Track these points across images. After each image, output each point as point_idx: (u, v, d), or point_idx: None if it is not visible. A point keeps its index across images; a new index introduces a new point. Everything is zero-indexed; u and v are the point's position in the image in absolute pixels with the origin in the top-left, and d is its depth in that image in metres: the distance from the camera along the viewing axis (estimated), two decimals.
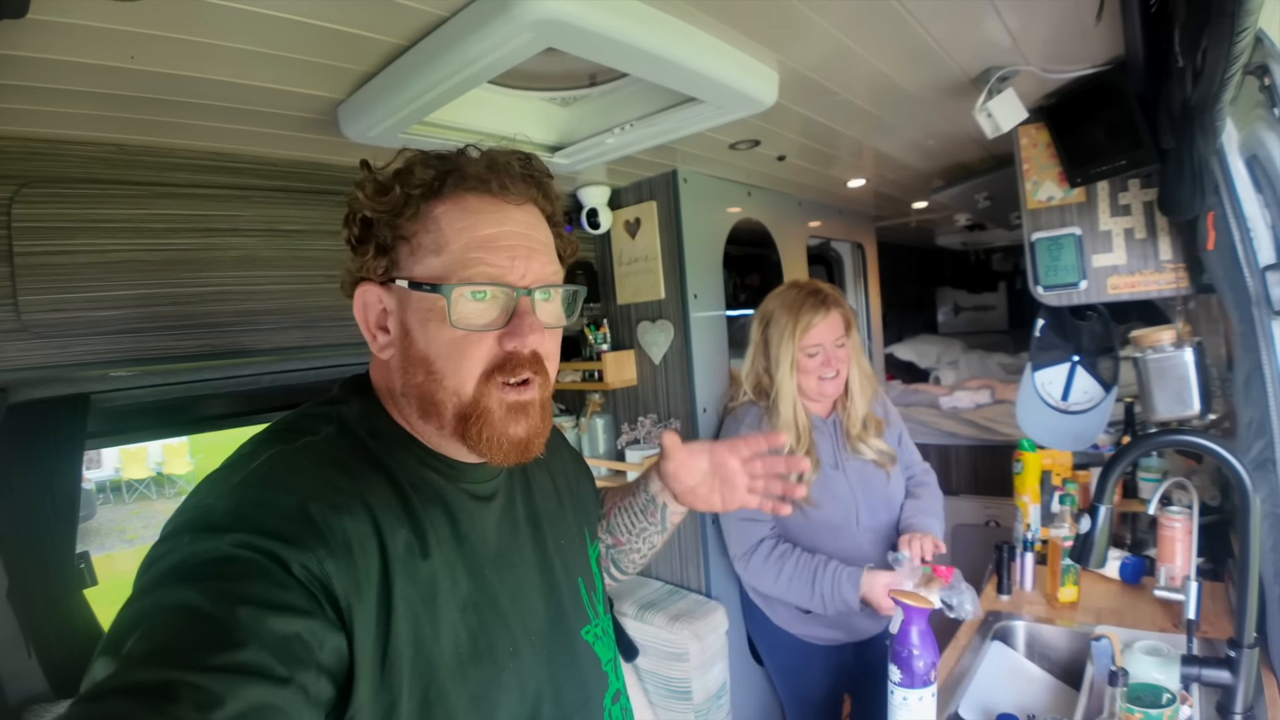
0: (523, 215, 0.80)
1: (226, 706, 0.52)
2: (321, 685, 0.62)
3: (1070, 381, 1.99)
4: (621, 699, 0.97)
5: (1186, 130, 1.26)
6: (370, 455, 0.77)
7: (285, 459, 0.72)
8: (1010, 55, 1.50)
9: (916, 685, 1.17)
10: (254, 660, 0.56)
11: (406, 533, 0.74)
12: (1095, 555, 1.32)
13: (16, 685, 1.54)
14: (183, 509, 0.67)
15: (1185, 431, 1.34)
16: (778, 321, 1.87)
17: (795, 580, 1.76)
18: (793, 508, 1.72)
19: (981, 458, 3.39)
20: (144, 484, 11.13)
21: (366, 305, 0.81)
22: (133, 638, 0.55)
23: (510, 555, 0.86)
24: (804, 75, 1.51)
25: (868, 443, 1.91)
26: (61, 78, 1.11)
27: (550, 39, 1.07)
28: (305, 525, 0.65)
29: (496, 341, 0.76)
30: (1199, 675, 1.24)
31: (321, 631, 0.63)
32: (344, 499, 0.70)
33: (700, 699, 2.09)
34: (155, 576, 0.61)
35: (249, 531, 0.63)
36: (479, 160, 0.79)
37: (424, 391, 0.77)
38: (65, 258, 1.33)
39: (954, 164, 2.58)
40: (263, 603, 0.59)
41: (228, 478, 0.70)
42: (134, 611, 0.58)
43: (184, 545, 0.62)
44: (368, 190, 0.78)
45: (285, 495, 0.67)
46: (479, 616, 0.78)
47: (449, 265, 0.75)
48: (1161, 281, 1.69)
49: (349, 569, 0.66)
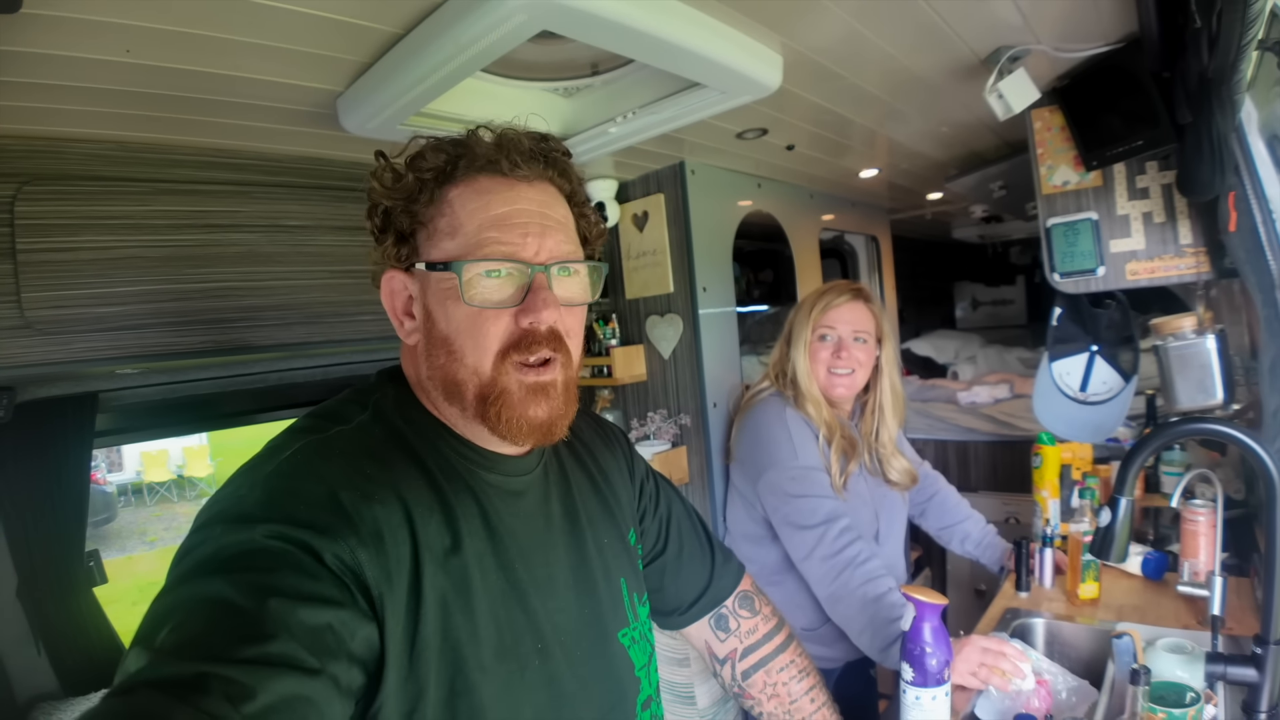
0: (536, 193, 0.80)
1: (258, 699, 0.53)
2: (353, 675, 0.63)
3: (1089, 372, 1.94)
4: (653, 705, 0.96)
5: (1204, 104, 1.22)
6: (404, 443, 0.78)
7: (317, 448, 0.73)
8: (1020, 34, 1.46)
9: (930, 684, 1.14)
10: (285, 652, 0.56)
11: (438, 522, 0.74)
12: (1116, 549, 1.28)
13: (26, 683, 1.55)
14: (216, 499, 0.68)
15: (1210, 420, 1.29)
16: (803, 304, 1.84)
17: (849, 597, 1.55)
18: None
19: (1000, 453, 3.33)
20: (165, 486, 11.32)
21: (393, 293, 0.83)
22: (165, 630, 0.56)
23: (542, 551, 0.85)
24: (809, 58, 1.48)
25: (894, 463, 1.85)
26: (58, 73, 1.11)
27: (543, 21, 1.06)
28: (337, 514, 0.66)
29: (513, 319, 0.77)
30: (1224, 673, 1.19)
31: (353, 622, 0.63)
32: (375, 488, 0.70)
33: (705, 704, 2.06)
34: (188, 568, 0.62)
35: (281, 522, 0.63)
36: (489, 141, 0.80)
37: (447, 373, 0.78)
38: (68, 254, 1.34)
39: (968, 152, 2.54)
40: (294, 594, 0.60)
41: (260, 468, 0.70)
42: (167, 603, 0.59)
43: (216, 536, 0.63)
44: (384, 180, 0.80)
45: (316, 484, 0.68)
46: (507, 611, 0.77)
47: (464, 246, 0.76)
48: (1182, 266, 1.64)
49: (380, 558, 0.67)
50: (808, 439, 1.73)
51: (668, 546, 1.10)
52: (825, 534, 1.60)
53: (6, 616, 1.54)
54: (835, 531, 1.60)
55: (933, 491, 2.09)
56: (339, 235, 1.67)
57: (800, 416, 1.76)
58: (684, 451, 2.28)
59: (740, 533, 1.95)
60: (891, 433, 1.85)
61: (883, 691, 2.24)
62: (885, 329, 1.82)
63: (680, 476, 2.27)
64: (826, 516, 1.62)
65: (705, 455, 2.23)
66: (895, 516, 1.86)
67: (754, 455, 1.81)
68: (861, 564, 1.57)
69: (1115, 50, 1.52)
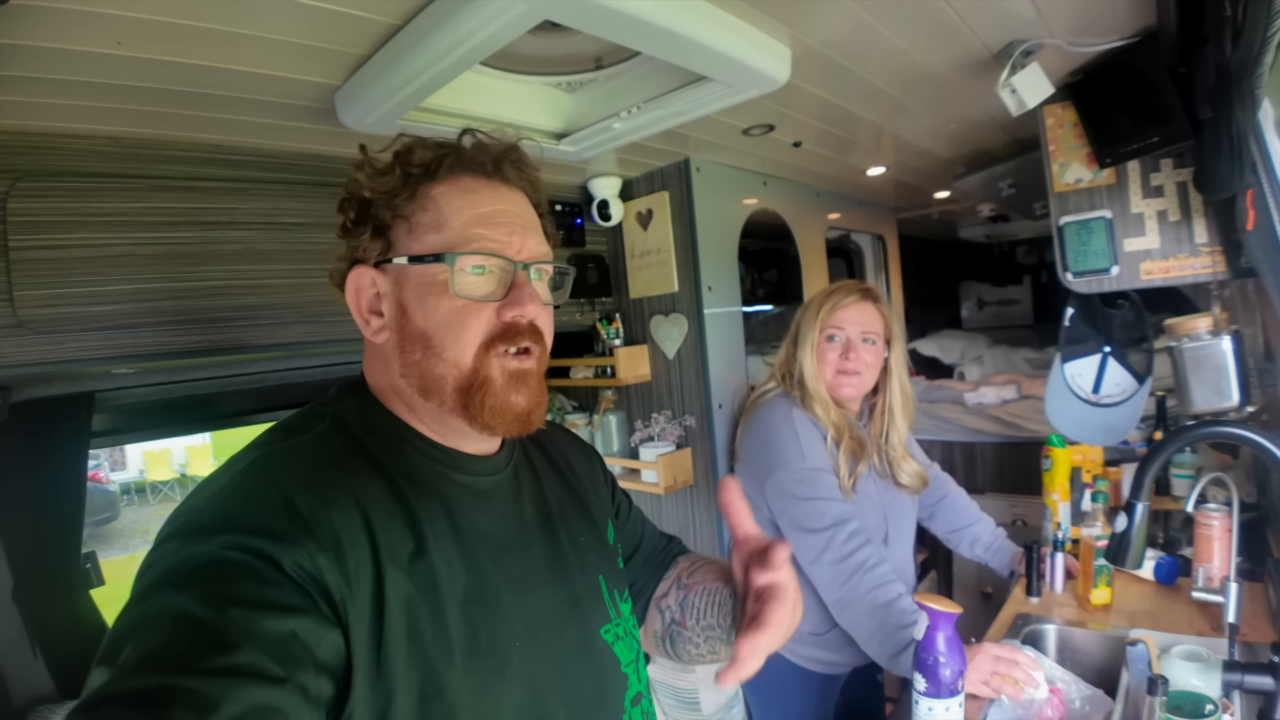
0: (516, 196, 0.84)
1: (223, 710, 0.52)
2: (321, 683, 0.62)
3: (1101, 373, 1.91)
4: (643, 701, 0.94)
5: (1225, 99, 1.19)
6: (363, 450, 0.78)
7: (273, 459, 0.73)
8: (1034, 28, 1.44)
9: (943, 695, 1.11)
10: (249, 662, 0.56)
11: (399, 526, 0.74)
12: (1133, 555, 1.26)
13: (22, 685, 1.54)
14: (174, 515, 0.68)
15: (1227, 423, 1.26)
16: (811, 304, 1.81)
17: (858, 602, 1.53)
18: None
19: (1007, 455, 3.30)
20: (168, 485, 11.39)
21: (360, 289, 0.83)
22: (128, 645, 0.56)
23: (516, 550, 0.84)
24: (818, 52, 1.45)
25: (904, 467, 1.82)
26: (50, 67, 1.10)
27: (545, 10, 1.04)
28: (293, 520, 0.66)
29: (495, 313, 0.79)
30: (1241, 682, 1.17)
31: (317, 629, 0.63)
32: (331, 493, 0.70)
33: (710, 709, 2.04)
34: (148, 583, 0.62)
35: (237, 532, 0.63)
36: (473, 145, 0.83)
37: (423, 368, 0.78)
38: (61, 252, 1.32)
39: (976, 150, 2.52)
40: (255, 603, 0.60)
41: (216, 481, 0.71)
42: (129, 619, 0.59)
43: (174, 551, 0.63)
44: (366, 172, 0.80)
45: (272, 492, 0.68)
46: (480, 610, 0.76)
47: (449, 240, 0.78)
48: (1197, 266, 1.61)
49: (339, 563, 0.66)
50: (815, 440, 1.70)
51: (642, 543, 1.11)
52: (834, 537, 1.57)
53: (2, 619, 1.52)
54: (844, 535, 1.57)
55: (942, 494, 2.06)
56: None
57: (807, 417, 1.74)
58: (689, 453, 2.26)
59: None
60: (901, 435, 1.82)
61: (889, 695, 2.21)
62: (894, 330, 1.79)
63: (685, 478, 2.25)
64: (835, 519, 1.59)
65: (710, 457, 2.21)
66: (904, 519, 1.83)
67: (760, 457, 1.78)
68: (871, 569, 1.54)
69: (1130, 45, 1.49)
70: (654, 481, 2.19)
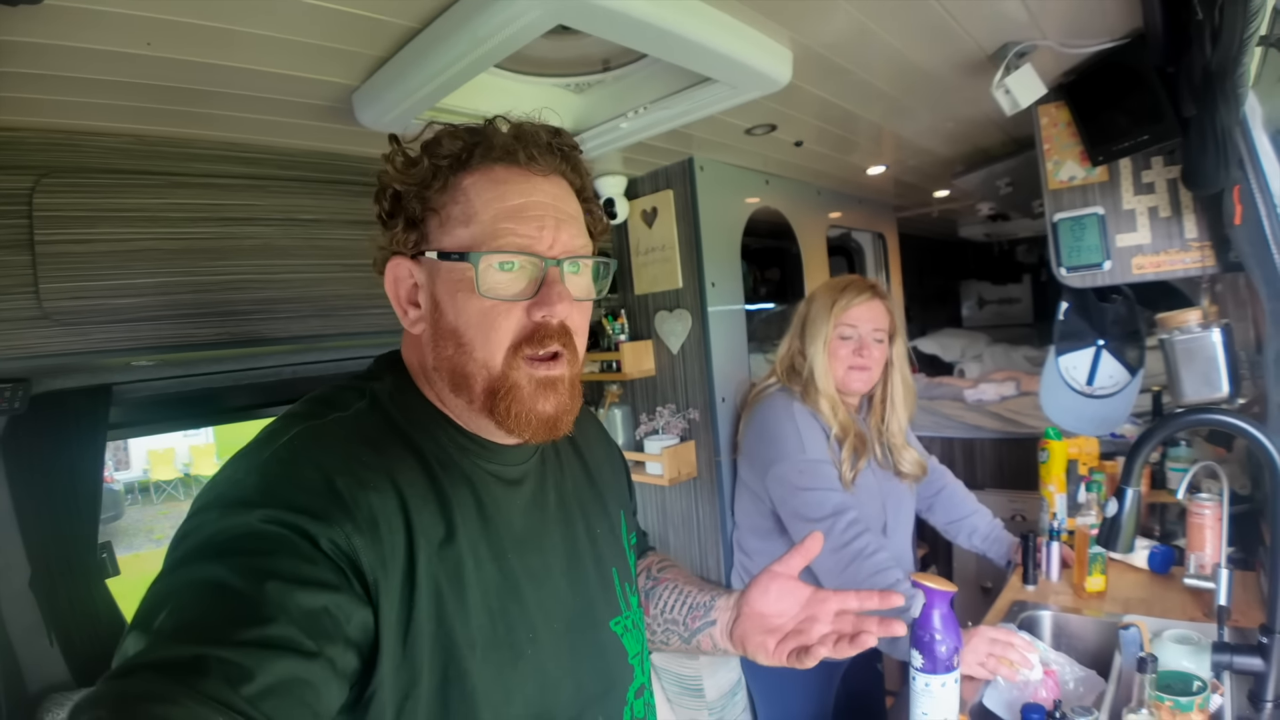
0: (550, 186, 0.80)
1: (256, 680, 0.53)
2: (348, 658, 0.63)
3: (1095, 365, 1.95)
4: (645, 693, 0.96)
5: (1208, 97, 1.23)
6: (399, 432, 0.78)
7: (313, 434, 0.73)
8: (1027, 30, 1.47)
9: (939, 671, 1.15)
10: (283, 635, 0.57)
11: (432, 511, 0.74)
12: (1123, 539, 1.29)
13: (38, 673, 1.56)
14: (212, 484, 0.68)
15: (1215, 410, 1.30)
16: (818, 300, 1.83)
17: (858, 588, 1.59)
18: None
19: (1007, 451, 3.33)
20: (171, 485, 11.34)
21: (398, 280, 0.82)
22: (163, 613, 0.56)
23: (536, 541, 0.85)
24: (819, 54, 1.49)
25: (904, 454, 1.86)
26: (80, 66, 1.13)
27: (558, 15, 1.07)
28: (333, 500, 0.66)
29: (525, 312, 0.76)
30: (1230, 663, 1.20)
31: (349, 606, 0.63)
32: (371, 475, 0.70)
33: (713, 696, 2.07)
34: (185, 552, 0.62)
35: (277, 507, 0.63)
36: (506, 132, 0.79)
37: (454, 365, 0.77)
38: (85, 246, 1.35)
39: (974, 149, 2.55)
40: (291, 578, 0.60)
41: (257, 453, 0.71)
42: (164, 587, 0.60)
43: (213, 521, 0.64)
44: (397, 163, 0.78)
45: (313, 470, 0.68)
46: (500, 601, 0.77)
47: (478, 235, 0.75)
48: (1187, 260, 1.65)
49: (375, 544, 0.67)
50: (815, 432, 1.74)
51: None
52: (833, 526, 1.61)
53: (19, 607, 1.54)
54: (843, 524, 1.61)
55: (940, 486, 2.10)
56: (352, 229, 1.69)
57: (807, 410, 1.77)
58: (692, 446, 2.29)
59: (748, 526, 1.96)
60: (902, 423, 1.86)
61: (889, 688, 2.25)
62: (897, 325, 1.84)
63: (689, 471, 2.28)
64: (834, 509, 1.63)
65: (713, 450, 2.24)
66: (903, 509, 1.87)
67: (762, 449, 1.82)
68: (870, 555, 1.58)
69: (1121, 46, 1.52)
70: (658, 474, 2.23)
